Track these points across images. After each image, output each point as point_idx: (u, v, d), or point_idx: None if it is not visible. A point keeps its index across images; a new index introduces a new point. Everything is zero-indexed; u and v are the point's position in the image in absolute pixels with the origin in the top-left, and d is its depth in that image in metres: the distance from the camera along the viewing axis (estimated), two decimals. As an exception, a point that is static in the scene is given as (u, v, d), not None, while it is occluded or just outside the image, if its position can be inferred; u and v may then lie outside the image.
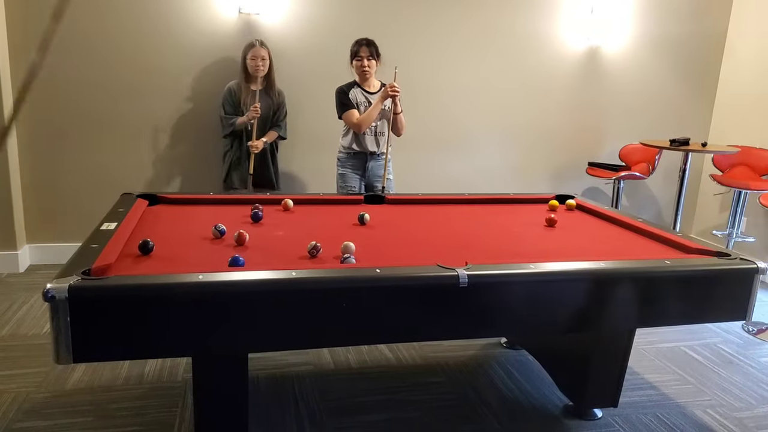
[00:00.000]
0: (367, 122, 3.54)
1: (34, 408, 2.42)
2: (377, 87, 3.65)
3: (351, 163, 3.68)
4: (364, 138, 3.62)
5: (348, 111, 3.57)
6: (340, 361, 2.97)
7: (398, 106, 3.55)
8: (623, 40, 4.86)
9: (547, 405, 2.64)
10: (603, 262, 2.04)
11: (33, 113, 3.97)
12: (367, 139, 3.62)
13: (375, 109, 3.52)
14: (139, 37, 4.01)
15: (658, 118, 5.13)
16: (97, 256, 1.82)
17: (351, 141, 3.63)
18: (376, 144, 3.65)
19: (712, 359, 3.17)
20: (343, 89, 3.61)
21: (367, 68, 3.54)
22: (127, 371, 2.76)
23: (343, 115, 3.61)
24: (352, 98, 3.59)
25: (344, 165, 3.71)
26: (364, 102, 3.60)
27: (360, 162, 3.68)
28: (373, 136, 3.64)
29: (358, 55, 3.54)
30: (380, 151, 3.68)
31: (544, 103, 4.84)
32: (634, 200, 5.29)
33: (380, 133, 3.65)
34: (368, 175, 3.71)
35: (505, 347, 3.19)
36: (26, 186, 4.07)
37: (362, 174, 3.71)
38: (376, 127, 3.63)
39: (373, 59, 3.55)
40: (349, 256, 2.00)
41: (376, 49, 3.56)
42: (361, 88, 3.62)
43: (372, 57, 3.54)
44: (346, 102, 3.58)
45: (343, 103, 3.59)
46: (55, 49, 3.90)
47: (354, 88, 3.62)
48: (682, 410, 2.64)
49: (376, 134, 3.64)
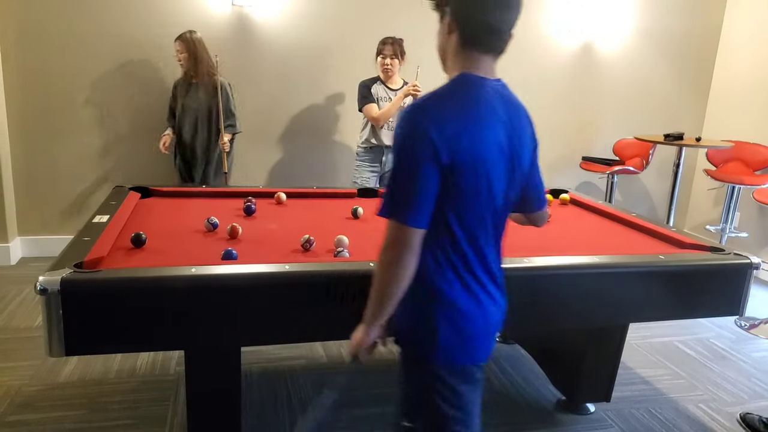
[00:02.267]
0: (385, 117, 3.62)
1: (26, 401, 2.41)
2: (399, 84, 3.73)
3: (368, 156, 3.77)
4: (381, 132, 3.70)
5: (368, 104, 3.65)
6: (333, 354, 2.97)
7: None
8: (617, 34, 4.86)
9: (540, 400, 2.65)
10: (597, 257, 2.04)
11: (25, 106, 3.93)
12: (383, 134, 3.70)
13: (394, 105, 3.60)
14: (132, 29, 3.97)
15: (652, 113, 5.14)
16: (89, 249, 1.81)
17: (369, 135, 3.73)
18: (392, 138, 3.68)
19: (705, 354, 3.19)
20: (366, 83, 3.71)
21: (389, 66, 3.63)
22: (119, 364, 2.74)
23: (363, 108, 3.69)
24: (373, 93, 3.67)
25: (361, 158, 3.80)
26: (384, 98, 3.68)
27: (377, 155, 3.76)
28: (390, 131, 3.72)
29: (382, 53, 3.64)
30: None
31: (538, 98, 4.83)
32: (628, 195, 5.31)
33: None
34: (383, 168, 3.78)
35: (499, 341, 3.20)
36: (18, 178, 4.03)
37: (378, 167, 3.77)
38: (394, 122, 3.70)
39: (397, 58, 3.64)
40: (342, 249, 2.00)
41: (400, 48, 3.65)
42: (383, 85, 3.71)
43: (396, 56, 3.63)
44: (367, 95, 3.66)
45: (364, 97, 3.67)
46: (47, 42, 3.86)
47: (377, 83, 3.71)
48: (674, 405, 2.66)
49: (393, 129, 3.68)
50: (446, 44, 1.33)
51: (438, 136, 1.20)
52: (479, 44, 1.28)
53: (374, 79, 3.72)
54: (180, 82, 3.84)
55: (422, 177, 1.20)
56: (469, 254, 1.31)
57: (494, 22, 1.26)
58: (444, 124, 1.20)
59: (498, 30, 1.27)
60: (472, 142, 1.22)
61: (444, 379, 1.34)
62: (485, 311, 1.35)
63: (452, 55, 1.32)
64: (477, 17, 1.26)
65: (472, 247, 1.31)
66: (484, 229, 1.32)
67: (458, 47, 1.30)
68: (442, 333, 1.31)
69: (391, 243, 1.25)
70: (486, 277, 1.36)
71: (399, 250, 1.25)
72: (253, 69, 4.24)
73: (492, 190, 1.29)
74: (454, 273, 1.31)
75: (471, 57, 1.29)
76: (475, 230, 1.30)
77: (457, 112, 1.23)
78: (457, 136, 1.21)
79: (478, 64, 1.29)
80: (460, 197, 1.25)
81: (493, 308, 1.38)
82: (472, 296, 1.33)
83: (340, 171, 4.54)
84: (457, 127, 1.21)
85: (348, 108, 4.41)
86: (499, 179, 1.30)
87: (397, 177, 1.24)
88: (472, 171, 1.24)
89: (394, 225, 1.24)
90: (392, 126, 3.70)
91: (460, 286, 1.32)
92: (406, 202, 1.22)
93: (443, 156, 1.20)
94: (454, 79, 1.29)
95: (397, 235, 1.24)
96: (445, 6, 1.30)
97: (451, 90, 1.27)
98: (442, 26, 1.32)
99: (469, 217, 1.28)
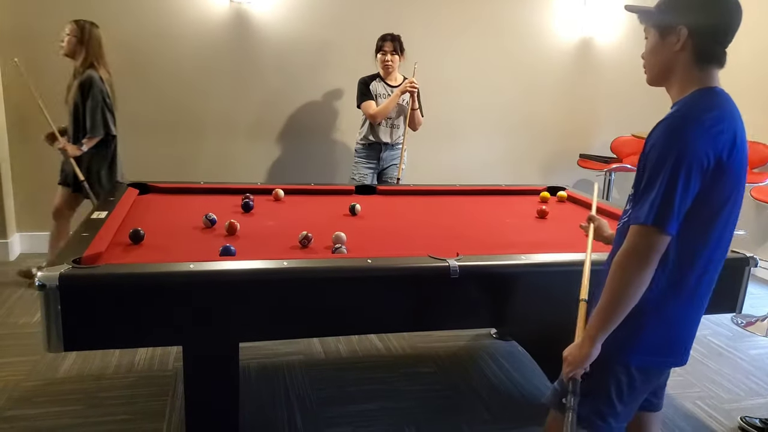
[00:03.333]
0: (382, 114, 3.62)
1: (25, 396, 2.41)
2: (399, 81, 3.73)
3: (366, 153, 3.77)
4: (379, 129, 3.70)
5: (366, 101, 3.66)
6: (331, 350, 2.97)
7: (416, 102, 3.63)
8: (616, 31, 4.86)
9: (537, 396, 2.65)
10: (594, 253, 2.04)
11: (23, 103, 3.93)
12: (381, 131, 3.70)
13: (391, 102, 3.60)
14: (128, 26, 3.97)
15: (650, 111, 5.11)
16: (88, 245, 1.81)
17: (367, 132, 3.73)
18: (390, 135, 3.73)
19: (702, 351, 3.20)
20: (365, 80, 3.71)
21: (389, 62, 3.63)
22: (117, 360, 2.75)
23: (361, 105, 3.70)
24: (372, 90, 3.67)
25: (359, 155, 3.80)
26: (383, 94, 3.68)
27: (375, 152, 3.76)
28: (388, 128, 3.72)
29: (382, 50, 3.63)
30: (394, 142, 3.76)
31: (536, 95, 4.84)
32: (625, 192, 5.28)
33: (395, 126, 3.73)
34: (381, 165, 3.79)
35: (496, 338, 3.21)
36: (16, 175, 4.03)
37: (376, 164, 3.78)
38: (392, 120, 3.71)
39: (397, 54, 3.64)
40: (340, 246, 2.00)
41: (400, 45, 3.64)
42: (383, 81, 3.71)
43: (395, 52, 3.63)
44: (365, 92, 3.67)
45: (363, 94, 3.68)
46: (44, 39, 3.85)
47: (376, 80, 3.71)
48: (671, 402, 2.66)
49: (392, 126, 3.73)
50: (673, 61, 1.33)
51: (713, 146, 1.23)
52: (716, 60, 1.31)
53: (374, 76, 3.72)
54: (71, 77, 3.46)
55: (690, 185, 1.23)
56: (699, 257, 1.35)
57: (732, 37, 1.30)
58: (717, 135, 1.24)
59: (729, 43, 1.31)
60: (739, 152, 1.29)
61: (632, 376, 1.40)
62: (696, 314, 1.42)
63: (683, 72, 1.33)
64: (719, 33, 1.29)
65: (703, 250, 1.35)
66: (722, 229, 1.35)
67: (691, 64, 1.31)
68: (648, 334, 1.37)
69: (646, 250, 1.25)
70: (707, 281, 1.40)
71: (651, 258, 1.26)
72: (252, 65, 4.23)
73: (736, 196, 1.34)
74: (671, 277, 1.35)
75: (709, 72, 1.31)
76: (715, 231, 1.34)
77: (726, 123, 1.27)
78: (731, 146, 1.26)
79: (714, 79, 1.32)
80: (713, 202, 1.29)
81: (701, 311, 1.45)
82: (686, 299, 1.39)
83: (338, 168, 4.55)
84: (730, 137, 1.26)
85: (347, 105, 4.41)
86: (741, 185, 1.35)
87: (663, 183, 1.23)
88: (733, 178, 1.29)
89: (653, 230, 1.24)
90: (390, 123, 3.70)
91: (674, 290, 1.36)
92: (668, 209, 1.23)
93: (720, 165, 1.25)
94: (703, 93, 1.30)
95: (653, 242, 1.25)
96: (675, 24, 1.30)
97: (709, 101, 1.29)
98: (667, 42, 1.32)
99: (716, 219, 1.32)
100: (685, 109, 1.27)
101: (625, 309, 1.29)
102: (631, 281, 1.26)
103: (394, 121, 3.71)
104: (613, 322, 1.32)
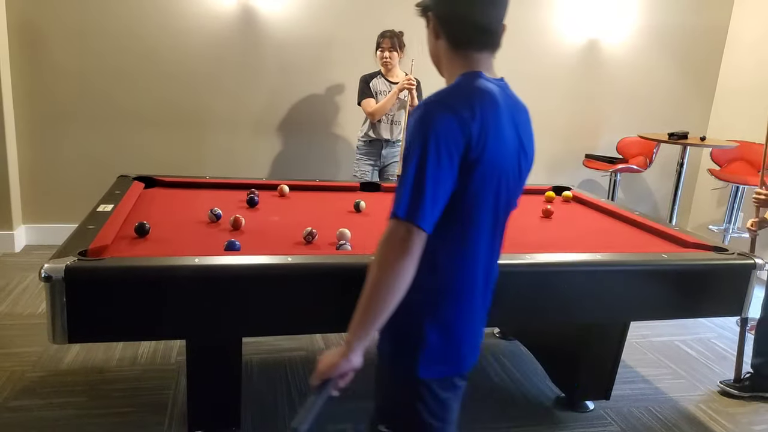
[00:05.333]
0: (380, 112, 3.64)
1: (29, 387, 2.43)
2: (401, 77, 3.72)
3: (367, 149, 3.80)
4: (380, 126, 3.72)
5: (365, 99, 3.68)
6: (333, 347, 2.97)
7: (415, 99, 3.64)
8: (622, 31, 4.83)
9: (539, 396, 2.65)
10: (599, 254, 2.04)
11: (31, 95, 3.94)
12: (382, 127, 3.72)
13: (389, 100, 3.61)
14: (137, 22, 3.97)
15: (656, 111, 5.11)
16: (93, 238, 1.82)
17: (368, 128, 3.75)
18: (390, 132, 3.75)
19: (706, 354, 3.19)
20: (365, 78, 3.73)
21: (388, 59, 3.64)
22: (120, 352, 2.76)
23: (361, 103, 3.72)
24: (373, 87, 3.69)
25: (361, 151, 3.82)
26: (384, 91, 3.69)
27: (375, 149, 3.78)
28: (389, 125, 3.73)
29: (380, 47, 3.65)
30: (395, 139, 3.77)
31: (542, 95, 4.81)
32: (631, 193, 5.29)
33: (396, 122, 3.75)
34: (382, 162, 3.81)
35: (498, 338, 3.21)
36: (23, 166, 4.04)
37: (377, 160, 3.80)
38: (393, 116, 3.72)
39: (395, 51, 3.64)
40: (344, 242, 2.00)
41: (399, 41, 3.65)
42: (384, 78, 3.73)
43: (394, 48, 3.63)
44: (365, 90, 3.70)
45: (363, 91, 3.71)
46: (53, 34, 3.86)
47: (377, 77, 3.72)
48: (674, 404, 2.66)
49: (392, 123, 3.74)
50: (436, 48, 1.29)
51: (461, 130, 1.14)
52: (471, 44, 1.25)
53: (375, 74, 3.74)
54: None
55: (440, 173, 1.13)
56: (466, 258, 1.26)
57: (481, 20, 1.23)
58: (465, 120, 1.14)
59: (486, 27, 1.24)
60: (493, 140, 1.18)
61: (431, 389, 1.28)
62: (469, 320, 1.31)
63: (446, 59, 1.28)
64: (462, 18, 1.23)
65: (471, 250, 1.26)
66: (489, 231, 1.27)
67: (449, 50, 1.26)
68: (431, 343, 1.25)
69: (399, 244, 1.14)
70: (481, 284, 1.31)
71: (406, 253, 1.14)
72: (258, 61, 4.23)
73: (500, 193, 1.24)
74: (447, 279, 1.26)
75: (467, 57, 1.25)
76: (480, 232, 1.25)
77: (476, 108, 1.16)
78: (480, 132, 1.15)
79: (477, 64, 1.25)
80: (473, 197, 1.19)
81: (483, 314, 1.36)
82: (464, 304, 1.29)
83: (341, 163, 4.54)
84: (479, 122, 1.15)
85: (351, 101, 4.40)
86: (508, 181, 1.25)
87: (412, 173, 1.14)
88: (490, 171, 1.19)
89: (403, 225, 1.13)
90: (390, 120, 3.72)
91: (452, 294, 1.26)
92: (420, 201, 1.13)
93: (470, 152, 1.15)
94: (458, 79, 1.24)
95: (405, 236, 1.13)
96: (428, 11, 1.27)
97: (459, 86, 1.22)
98: (429, 31, 1.29)
99: (479, 218, 1.23)
100: (437, 95, 1.19)
101: (380, 308, 1.15)
102: (383, 278, 1.14)
103: (394, 118, 3.73)
104: (370, 323, 1.17)
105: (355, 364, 1.22)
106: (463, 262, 1.25)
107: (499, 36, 1.27)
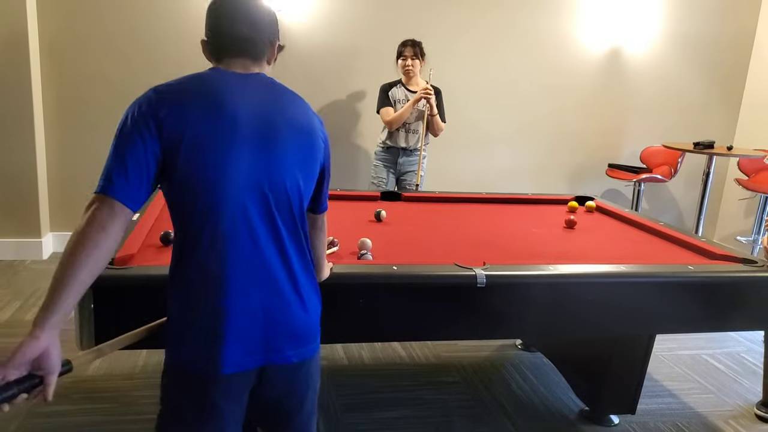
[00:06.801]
0: (398, 121, 3.67)
1: (61, 393, 2.45)
2: (421, 86, 3.75)
3: (384, 156, 3.84)
4: (397, 134, 3.76)
5: (384, 108, 3.73)
6: (354, 357, 2.97)
7: (434, 108, 3.66)
8: (646, 39, 4.78)
9: (562, 409, 2.61)
10: (623, 266, 2.01)
11: (60, 104, 4.04)
12: (399, 136, 3.76)
13: (406, 110, 3.64)
14: (162, 29, 4.05)
15: (681, 120, 5.04)
16: (120, 247, 1.85)
17: (386, 136, 3.80)
18: (406, 141, 3.78)
19: (735, 368, 3.11)
20: (384, 87, 3.77)
21: (410, 67, 3.68)
22: (144, 359, 2.79)
23: (379, 111, 3.77)
24: (392, 96, 3.73)
25: (378, 157, 3.87)
26: (403, 99, 3.73)
27: (393, 157, 3.82)
28: (406, 133, 3.76)
29: (402, 55, 3.69)
30: (412, 148, 3.79)
31: (564, 103, 4.79)
32: (655, 203, 5.21)
33: (413, 131, 3.77)
34: (399, 170, 3.84)
35: (521, 349, 3.17)
36: (51, 175, 4.14)
37: (394, 168, 3.84)
38: (410, 125, 3.75)
39: (417, 59, 3.68)
40: (366, 252, 2.00)
41: (420, 50, 3.69)
42: (404, 87, 3.76)
43: (416, 57, 3.68)
44: (384, 99, 3.75)
45: (381, 100, 3.76)
46: (82, 42, 3.96)
47: (397, 86, 3.77)
48: (702, 420, 2.60)
49: (409, 131, 3.77)
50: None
51: (155, 109, 1.23)
52: (215, 56, 1.39)
53: (395, 82, 3.78)
54: None
55: (127, 151, 1.21)
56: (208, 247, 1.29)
57: (218, 40, 1.38)
58: (164, 102, 1.24)
59: (219, 41, 1.37)
60: (202, 140, 1.22)
61: (180, 383, 1.36)
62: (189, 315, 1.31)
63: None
64: (214, 32, 1.37)
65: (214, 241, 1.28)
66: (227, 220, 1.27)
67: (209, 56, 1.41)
68: (170, 332, 1.34)
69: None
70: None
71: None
72: (281, 70, 4.27)
73: (228, 172, 1.24)
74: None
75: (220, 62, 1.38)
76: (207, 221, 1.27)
77: (182, 95, 1.27)
78: (178, 122, 1.22)
79: (225, 64, 1.38)
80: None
81: None
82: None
83: (360, 172, 4.56)
84: (175, 108, 1.24)
85: (371, 110, 4.43)
86: (240, 161, 1.25)
87: (111, 150, 1.24)
88: (200, 166, 1.23)
89: (96, 197, 1.22)
90: (408, 128, 3.75)
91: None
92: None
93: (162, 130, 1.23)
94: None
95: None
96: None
97: (184, 78, 1.32)
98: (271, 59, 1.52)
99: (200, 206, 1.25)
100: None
101: (63, 285, 1.19)
102: (72, 250, 1.19)
103: (411, 126, 3.75)
104: (57, 305, 1.17)
105: (43, 344, 1.11)
106: (188, 253, 1.33)
107: (251, 45, 1.42)
